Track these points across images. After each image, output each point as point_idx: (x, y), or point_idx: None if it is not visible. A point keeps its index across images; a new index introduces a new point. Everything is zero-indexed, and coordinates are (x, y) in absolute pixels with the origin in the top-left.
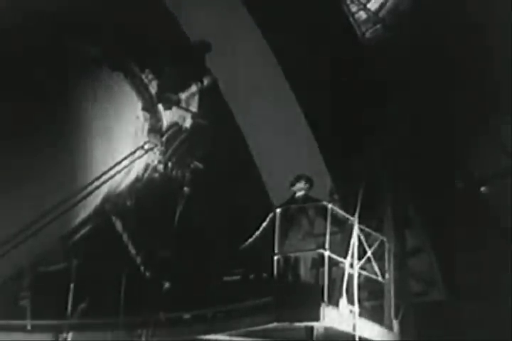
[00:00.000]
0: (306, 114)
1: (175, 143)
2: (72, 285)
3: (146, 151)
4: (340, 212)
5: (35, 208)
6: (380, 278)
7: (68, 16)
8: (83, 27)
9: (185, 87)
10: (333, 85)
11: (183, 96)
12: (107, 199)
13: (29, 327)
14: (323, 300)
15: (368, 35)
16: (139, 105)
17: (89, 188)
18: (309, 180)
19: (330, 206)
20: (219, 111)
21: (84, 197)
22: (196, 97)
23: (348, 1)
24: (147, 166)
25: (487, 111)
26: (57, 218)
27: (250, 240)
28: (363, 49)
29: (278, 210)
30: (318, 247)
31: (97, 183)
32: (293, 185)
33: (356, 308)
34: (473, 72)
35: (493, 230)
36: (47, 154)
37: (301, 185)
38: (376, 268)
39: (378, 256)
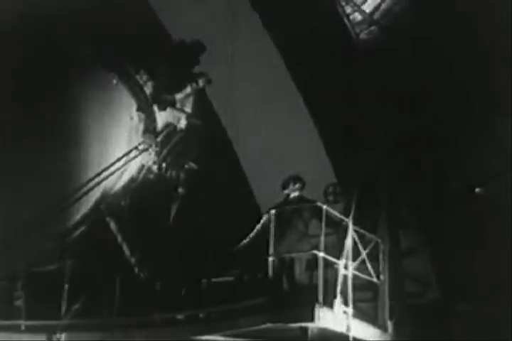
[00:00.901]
0: (309, 115)
1: (169, 143)
2: (66, 286)
3: (141, 152)
4: (335, 213)
5: (29, 209)
6: (374, 279)
7: (64, 18)
8: (79, 28)
9: (180, 87)
10: (329, 86)
11: (178, 97)
12: (101, 199)
13: (23, 328)
14: (317, 301)
15: (362, 36)
16: (134, 106)
17: (84, 189)
18: (301, 181)
19: (325, 207)
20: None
21: (79, 198)
22: (191, 98)
23: (343, 3)
24: (142, 167)
25: (485, 111)
26: (52, 218)
27: (245, 241)
28: (358, 50)
29: (273, 211)
30: (313, 248)
31: (91, 184)
32: (285, 186)
33: (350, 309)
34: (472, 72)
35: (488, 231)
36: (41, 155)
37: (293, 186)
38: (371, 269)
39: (373, 257)
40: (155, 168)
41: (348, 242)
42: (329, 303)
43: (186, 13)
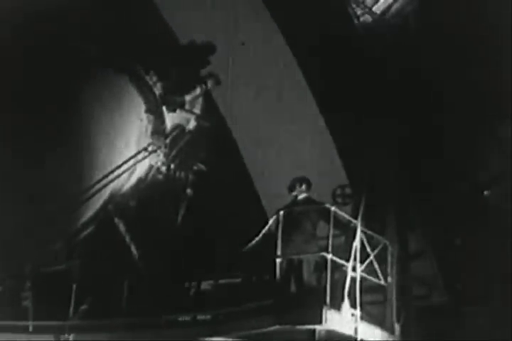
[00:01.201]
0: (319, 116)
1: (178, 145)
2: (74, 286)
3: (150, 153)
4: (344, 214)
5: (39, 209)
6: (382, 282)
7: (75, 18)
8: (89, 29)
9: (189, 89)
10: (336, 87)
11: (187, 98)
12: (110, 200)
13: (31, 328)
14: (325, 303)
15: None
16: (143, 107)
17: (93, 189)
18: (307, 182)
19: (333, 209)
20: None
21: (88, 198)
22: (200, 99)
23: (354, 4)
24: (150, 168)
25: (493, 113)
26: (61, 219)
27: (253, 242)
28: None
29: (281, 213)
30: (321, 250)
31: (100, 184)
32: (292, 188)
33: (358, 311)
34: (478, 74)
35: (495, 234)
36: (51, 155)
37: (300, 187)
38: (378, 272)
39: (381, 259)
40: (164, 169)
41: (357, 244)
42: (337, 305)
43: (192, 13)
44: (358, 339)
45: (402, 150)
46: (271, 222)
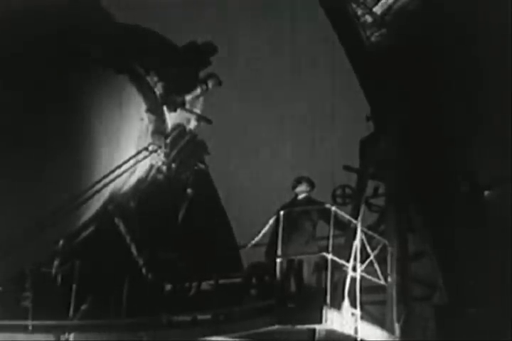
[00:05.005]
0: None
1: (179, 144)
2: (74, 286)
3: (150, 153)
4: (344, 215)
5: (39, 209)
6: (382, 282)
7: (75, 18)
8: (89, 29)
9: (190, 88)
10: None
11: (187, 98)
12: (110, 200)
13: (31, 328)
14: (325, 303)
15: (373, 38)
16: (144, 107)
17: (93, 189)
18: (310, 182)
19: (333, 209)
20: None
21: (88, 198)
22: (201, 99)
23: (354, 5)
24: (151, 168)
25: (496, 114)
26: (61, 219)
27: (253, 242)
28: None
29: (281, 213)
30: (321, 250)
31: (101, 184)
32: (294, 187)
33: (358, 311)
34: (478, 74)
35: (496, 235)
36: (51, 155)
37: (302, 187)
38: (378, 272)
39: (381, 259)
40: (164, 168)
41: (357, 244)
42: (337, 305)
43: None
44: (358, 338)
45: (401, 150)
46: (271, 221)
